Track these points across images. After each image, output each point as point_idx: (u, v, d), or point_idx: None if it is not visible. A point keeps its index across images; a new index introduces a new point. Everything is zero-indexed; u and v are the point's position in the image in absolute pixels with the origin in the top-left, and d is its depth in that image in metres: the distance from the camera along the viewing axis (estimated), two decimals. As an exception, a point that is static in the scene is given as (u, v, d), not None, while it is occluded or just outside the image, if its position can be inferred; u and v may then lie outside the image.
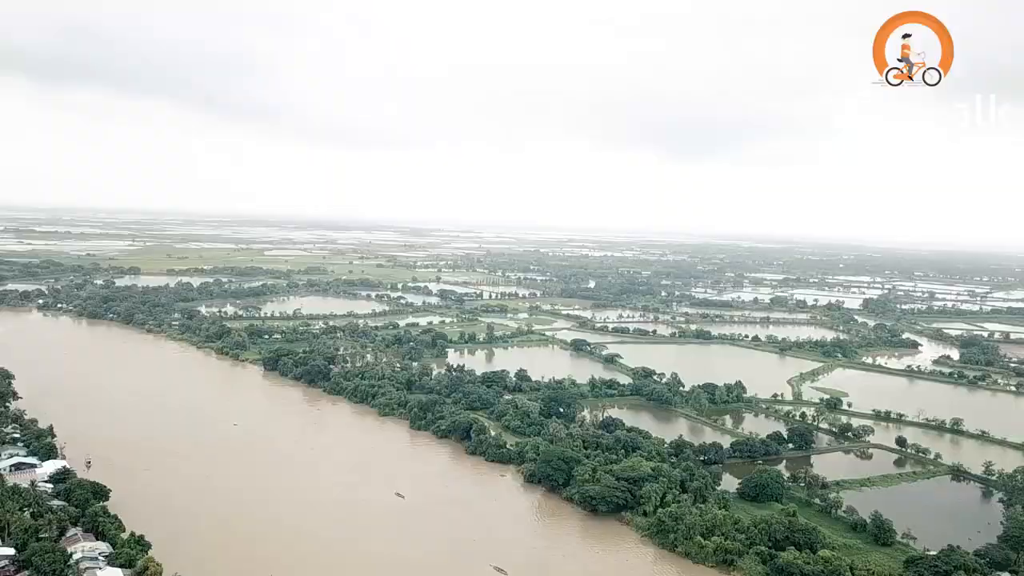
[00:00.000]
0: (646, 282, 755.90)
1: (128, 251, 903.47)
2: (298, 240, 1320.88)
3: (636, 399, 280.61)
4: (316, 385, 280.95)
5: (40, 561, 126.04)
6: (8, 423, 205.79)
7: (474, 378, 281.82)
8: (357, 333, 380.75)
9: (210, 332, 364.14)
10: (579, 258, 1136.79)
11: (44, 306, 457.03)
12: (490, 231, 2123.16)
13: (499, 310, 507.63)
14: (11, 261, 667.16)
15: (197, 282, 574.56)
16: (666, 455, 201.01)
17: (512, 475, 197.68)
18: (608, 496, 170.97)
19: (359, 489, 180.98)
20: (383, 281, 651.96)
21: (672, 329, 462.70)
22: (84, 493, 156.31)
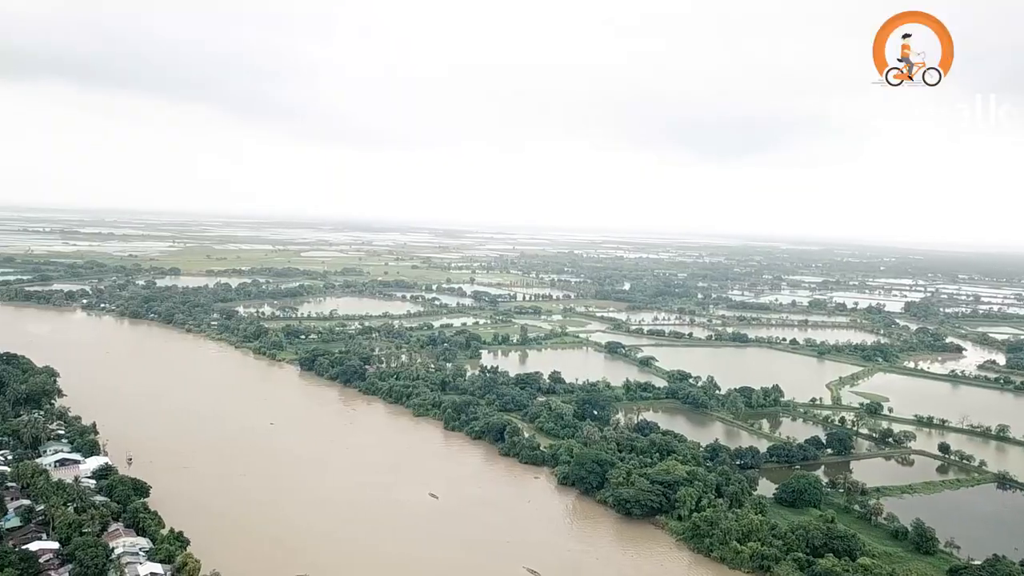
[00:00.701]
0: (682, 284, 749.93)
1: (168, 252, 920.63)
2: (334, 241, 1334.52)
3: (671, 402, 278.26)
4: (351, 385, 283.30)
5: (83, 555, 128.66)
6: (53, 420, 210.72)
7: (508, 380, 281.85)
8: (392, 334, 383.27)
9: (248, 332, 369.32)
10: (613, 260, 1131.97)
11: (88, 306, 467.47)
12: (523, 232, 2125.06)
13: (533, 312, 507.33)
14: (57, 262, 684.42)
15: (235, 283, 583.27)
16: (701, 459, 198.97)
17: (546, 477, 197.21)
18: (642, 499, 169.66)
19: (393, 489, 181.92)
20: (418, 282, 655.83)
21: (708, 332, 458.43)
22: (125, 489, 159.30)
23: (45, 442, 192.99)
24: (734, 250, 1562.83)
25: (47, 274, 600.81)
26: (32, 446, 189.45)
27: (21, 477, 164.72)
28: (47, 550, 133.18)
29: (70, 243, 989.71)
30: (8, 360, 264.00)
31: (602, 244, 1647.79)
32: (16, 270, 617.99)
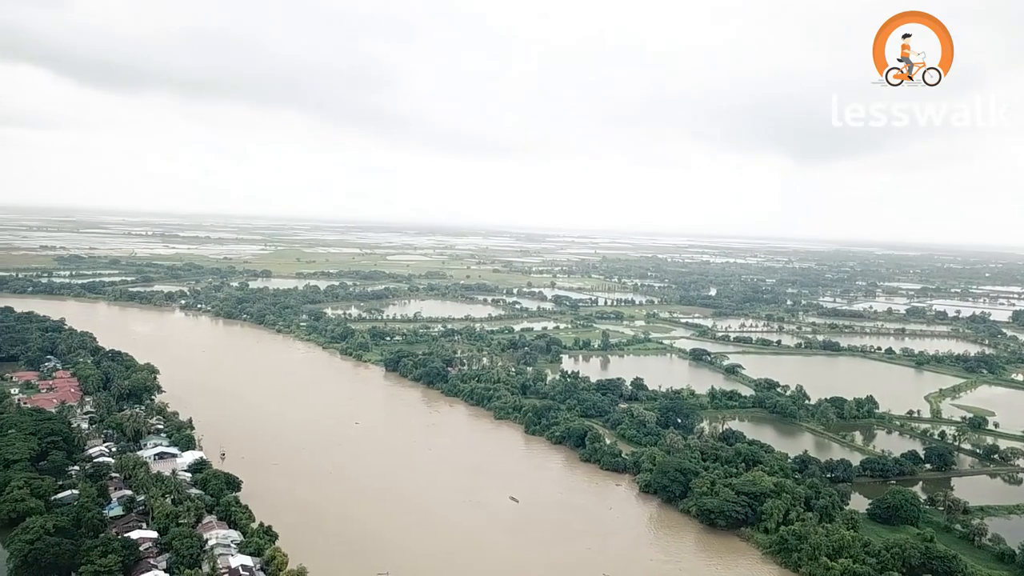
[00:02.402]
0: (770, 290, 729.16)
1: (261, 255, 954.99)
2: (419, 245, 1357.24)
3: (758, 411, 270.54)
4: (434, 387, 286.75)
5: (180, 545, 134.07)
6: (153, 414, 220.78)
7: (589, 385, 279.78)
8: (474, 337, 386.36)
9: (335, 333, 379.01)
10: (699, 265, 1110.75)
11: (186, 306, 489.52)
12: (606, 236, 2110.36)
13: (615, 317, 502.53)
14: (158, 264, 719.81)
15: (324, 285, 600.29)
16: (790, 471, 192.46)
17: (627, 484, 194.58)
18: (727, 510, 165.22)
19: (475, 492, 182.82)
20: (499, 286, 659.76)
21: (798, 339, 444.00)
22: (218, 483, 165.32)
23: (145, 436, 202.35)
24: (826, 255, 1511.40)
25: (149, 275, 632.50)
26: (134, 439, 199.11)
27: (124, 468, 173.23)
28: (147, 539, 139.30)
29: (170, 246, 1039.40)
30: (113, 357, 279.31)
31: (687, 248, 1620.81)
32: (121, 272, 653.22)
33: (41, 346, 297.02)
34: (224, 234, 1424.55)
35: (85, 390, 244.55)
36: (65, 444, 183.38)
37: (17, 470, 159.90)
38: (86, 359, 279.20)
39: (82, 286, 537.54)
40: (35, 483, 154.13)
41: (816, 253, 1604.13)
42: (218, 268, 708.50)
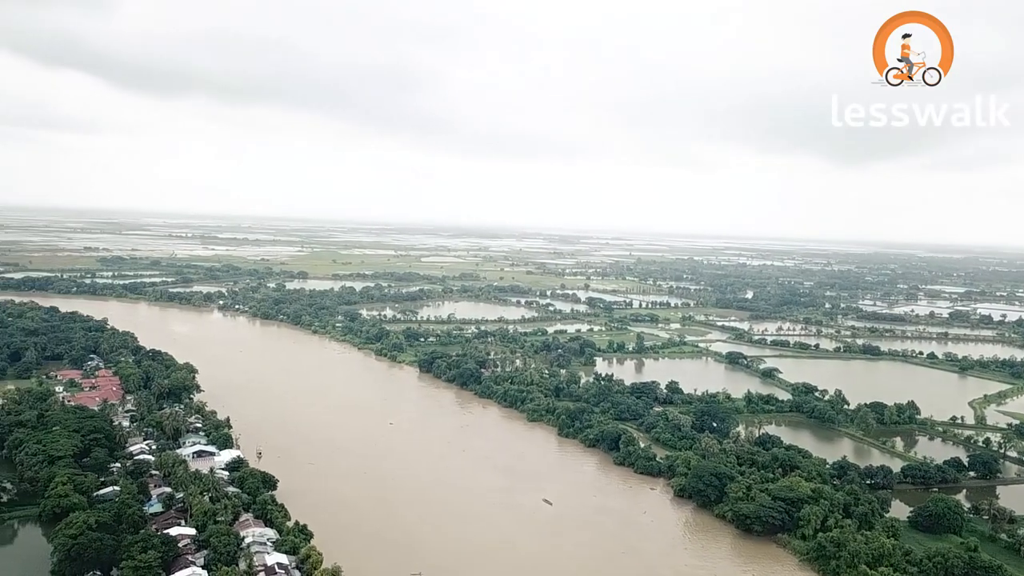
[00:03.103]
0: (808, 293, 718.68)
1: (297, 257, 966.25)
2: (452, 247, 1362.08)
3: (795, 416, 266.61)
4: (468, 388, 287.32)
5: (217, 542, 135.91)
6: (192, 413, 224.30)
7: (623, 388, 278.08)
8: (507, 338, 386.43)
9: (370, 334, 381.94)
10: (735, 267, 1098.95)
11: (224, 306, 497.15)
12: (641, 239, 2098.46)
13: (649, 319, 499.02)
14: (197, 265, 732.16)
15: (359, 286, 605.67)
16: (828, 476, 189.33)
17: (662, 488, 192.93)
18: (764, 516, 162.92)
19: (508, 494, 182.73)
20: (532, 288, 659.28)
21: (836, 343, 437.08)
22: (255, 482, 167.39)
23: (184, 434, 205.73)
24: (866, 258, 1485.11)
25: (188, 276, 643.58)
26: (173, 437, 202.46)
27: (163, 466, 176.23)
28: (185, 535, 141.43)
29: (209, 248, 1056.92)
30: (153, 356, 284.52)
31: (723, 251, 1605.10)
32: (161, 272, 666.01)
33: (84, 345, 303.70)
34: (262, 236, 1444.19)
35: (126, 389, 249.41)
36: (107, 441, 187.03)
37: (61, 466, 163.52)
38: (127, 358, 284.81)
39: (124, 287, 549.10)
40: (78, 479, 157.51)
41: (855, 255, 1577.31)
42: (256, 269, 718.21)
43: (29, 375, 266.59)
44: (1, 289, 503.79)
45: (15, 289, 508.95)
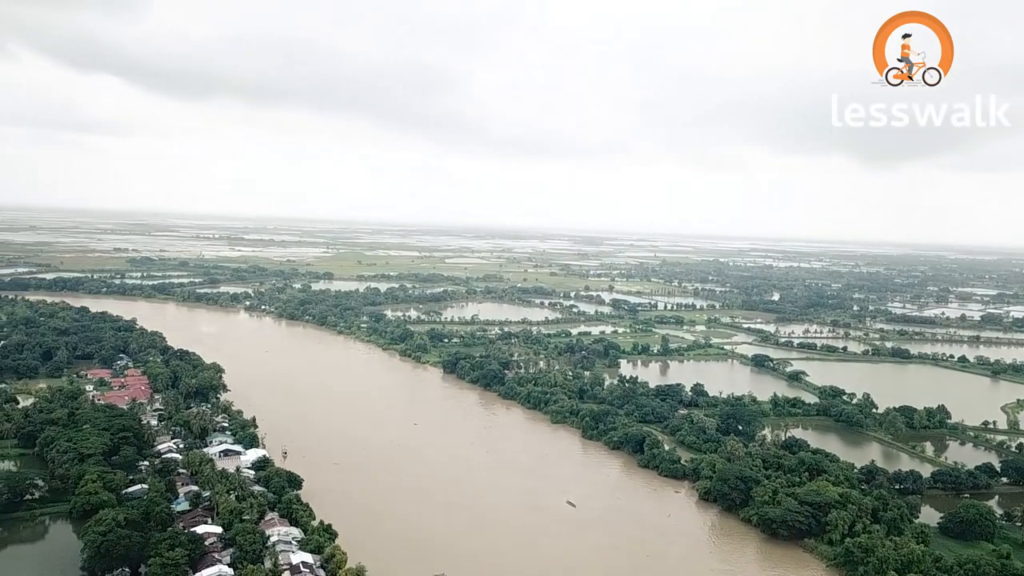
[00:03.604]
0: (836, 295, 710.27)
1: (323, 258, 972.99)
2: (476, 248, 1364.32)
3: (822, 420, 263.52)
4: (491, 389, 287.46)
5: (243, 541, 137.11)
6: (219, 412, 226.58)
7: (647, 390, 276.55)
8: (531, 340, 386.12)
9: (395, 335, 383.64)
10: (762, 269, 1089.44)
11: (250, 307, 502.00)
12: (666, 240, 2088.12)
13: (674, 321, 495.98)
14: (224, 266, 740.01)
15: (384, 287, 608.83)
16: (855, 481, 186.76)
17: (686, 492, 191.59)
18: (790, 520, 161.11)
19: (532, 495, 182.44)
20: (556, 289, 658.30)
21: (864, 346, 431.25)
22: (280, 481, 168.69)
23: (211, 433, 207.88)
24: (895, 259, 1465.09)
25: (215, 277, 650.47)
26: (200, 436, 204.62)
27: (190, 464, 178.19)
28: (212, 533, 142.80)
29: (236, 249, 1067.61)
30: (181, 356, 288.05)
31: (749, 252, 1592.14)
32: (189, 273, 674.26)
33: (114, 345, 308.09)
34: (288, 237, 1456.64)
35: (155, 388, 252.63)
36: (136, 440, 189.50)
37: (91, 464, 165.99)
38: (156, 358, 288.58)
39: (152, 287, 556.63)
40: (107, 477, 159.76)
41: (884, 257, 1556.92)
42: (282, 270, 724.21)
43: (60, 374, 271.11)
44: (33, 289, 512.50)
45: (47, 289, 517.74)
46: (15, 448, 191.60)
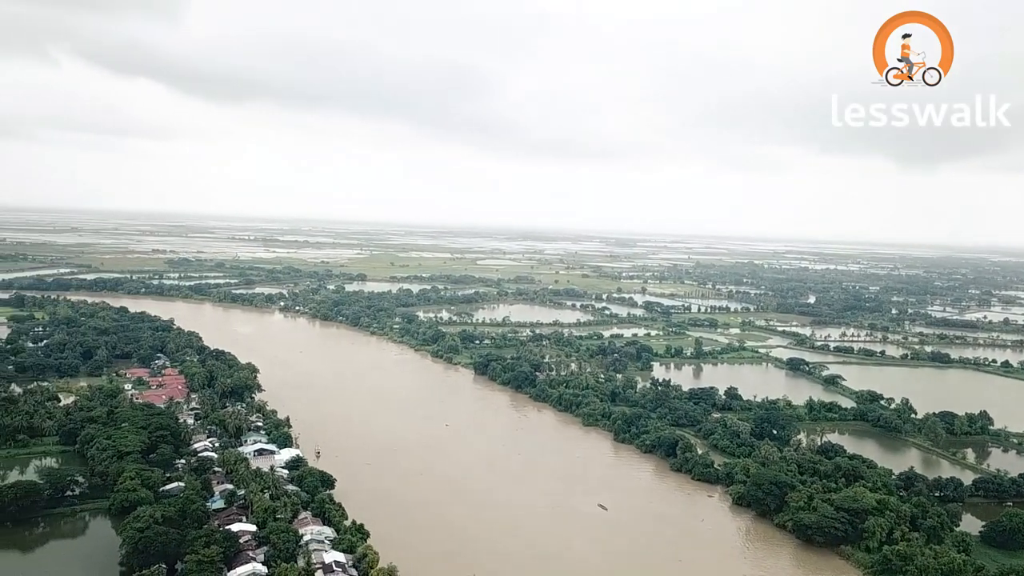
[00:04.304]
0: (874, 298, 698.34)
1: (356, 259, 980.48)
2: (508, 250, 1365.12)
3: (859, 424, 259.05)
4: (522, 391, 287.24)
5: (277, 539, 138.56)
6: (253, 412, 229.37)
7: (680, 394, 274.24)
8: (562, 342, 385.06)
9: (427, 336, 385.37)
10: (797, 271, 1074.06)
11: (284, 308, 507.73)
12: (699, 242, 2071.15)
13: (708, 324, 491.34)
14: (259, 267, 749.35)
15: (416, 288, 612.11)
16: (894, 487, 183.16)
17: (719, 496, 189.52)
18: (826, 526, 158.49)
19: (563, 498, 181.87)
20: (588, 291, 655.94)
21: (903, 350, 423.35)
22: (314, 480, 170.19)
23: (246, 432, 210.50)
24: (935, 262, 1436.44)
25: (251, 278, 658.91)
26: (235, 435, 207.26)
27: (226, 463, 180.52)
28: (246, 532, 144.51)
29: (271, 250, 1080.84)
30: (217, 356, 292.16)
31: (785, 254, 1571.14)
32: (225, 274, 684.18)
33: (152, 345, 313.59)
34: (322, 238, 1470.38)
35: (191, 387, 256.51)
36: (173, 438, 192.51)
37: (129, 462, 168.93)
38: (192, 358, 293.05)
39: (189, 288, 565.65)
40: (145, 474, 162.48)
41: (924, 259, 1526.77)
42: (316, 271, 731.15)
43: (100, 373, 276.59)
44: (75, 289, 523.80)
45: (88, 290, 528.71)
46: (57, 445, 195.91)
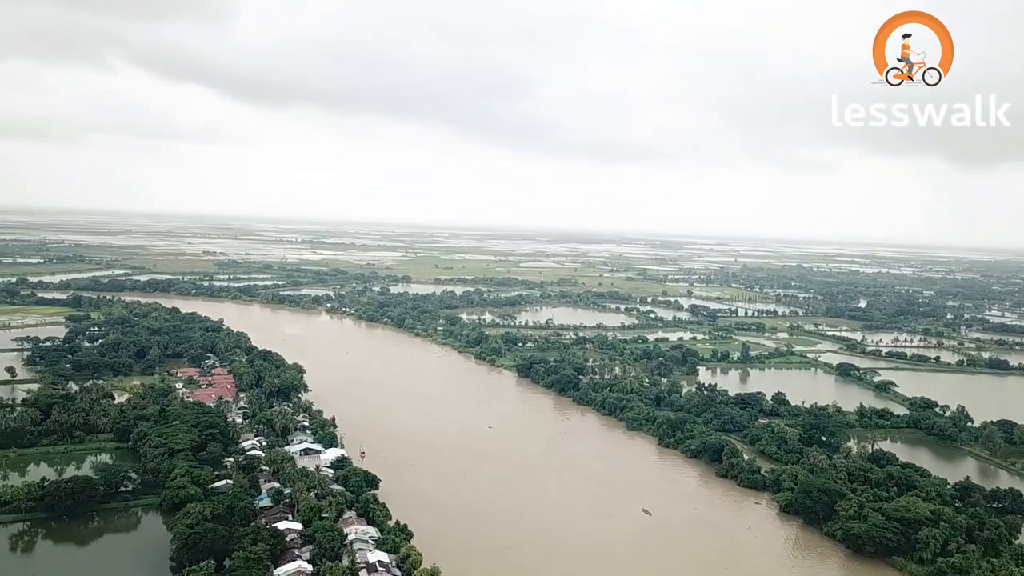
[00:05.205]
0: (928, 302, 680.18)
1: (401, 261, 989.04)
2: (551, 253, 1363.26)
3: (912, 432, 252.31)
4: (566, 394, 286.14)
5: (322, 538, 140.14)
6: (300, 412, 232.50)
7: (726, 398, 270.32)
8: (606, 345, 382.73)
9: (470, 338, 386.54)
10: (848, 275, 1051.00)
11: (331, 309, 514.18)
12: (746, 244, 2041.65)
13: (755, 328, 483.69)
14: (306, 269, 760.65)
15: (460, 291, 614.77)
16: (949, 498, 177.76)
17: (767, 503, 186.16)
18: (877, 536, 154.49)
19: (607, 502, 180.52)
20: (632, 294, 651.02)
21: (959, 356, 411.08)
22: (358, 480, 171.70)
23: (292, 432, 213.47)
24: (993, 265, 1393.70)
25: (298, 280, 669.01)
26: (282, 435, 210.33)
27: (273, 462, 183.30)
28: (292, 530, 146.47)
29: (317, 252, 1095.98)
30: (265, 356, 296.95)
31: (835, 257, 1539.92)
32: (273, 276, 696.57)
33: (202, 345, 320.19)
34: (367, 241, 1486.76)
35: (239, 387, 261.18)
36: (222, 437, 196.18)
37: (180, 459, 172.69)
38: (241, 358, 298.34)
39: (238, 289, 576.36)
40: (195, 472, 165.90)
41: (981, 263, 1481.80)
42: (362, 273, 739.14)
43: (152, 372, 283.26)
44: (129, 290, 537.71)
45: (141, 291, 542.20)
46: (111, 442, 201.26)
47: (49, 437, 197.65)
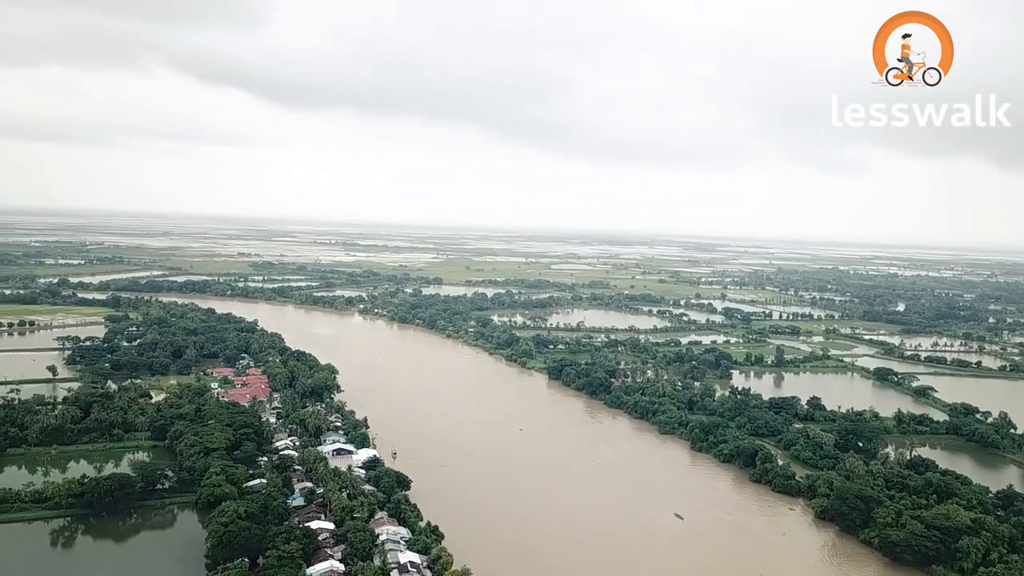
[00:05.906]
0: (969, 306, 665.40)
1: (433, 263, 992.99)
2: (582, 255, 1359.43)
3: (953, 439, 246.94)
4: (597, 397, 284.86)
5: (354, 538, 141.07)
6: (332, 412, 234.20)
7: (760, 403, 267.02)
8: (638, 348, 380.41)
9: (501, 340, 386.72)
10: (885, 277, 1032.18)
11: (364, 310, 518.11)
12: (781, 246, 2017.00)
13: (790, 332, 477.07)
14: (340, 271, 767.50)
15: (491, 292, 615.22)
16: (991, 506, 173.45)
17: (801, 509, 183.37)
18: (915, 544, 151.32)
19: (638, 506, 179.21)
20: (665, 297, 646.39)
21: (1002, 361, 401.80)
22: (390, 481, 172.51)
23: (325, 432, 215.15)
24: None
25: (331, 281, 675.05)
26: (315, 435, 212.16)
27: (306, 462, 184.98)
28: (325, 529, 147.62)
29: (351, 254, 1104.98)
30: (298, 357, 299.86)
31: (872, 260, 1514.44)
32: (307, 277, 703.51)
33: (237, 345, 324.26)
34: (400, 243, 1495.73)
35: (273, 387, 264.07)
36: (256, 436, 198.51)
37: (215, 458, 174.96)
38: (275, 358, 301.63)
39: (273, 290, 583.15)
40: (230, 471, 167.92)
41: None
42: (394, 275, 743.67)
43: (188, 371, 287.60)
44: (166, 291, 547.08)
45: (178, 291, 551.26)
46: (148, 440, 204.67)
47: (89, 435, 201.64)
